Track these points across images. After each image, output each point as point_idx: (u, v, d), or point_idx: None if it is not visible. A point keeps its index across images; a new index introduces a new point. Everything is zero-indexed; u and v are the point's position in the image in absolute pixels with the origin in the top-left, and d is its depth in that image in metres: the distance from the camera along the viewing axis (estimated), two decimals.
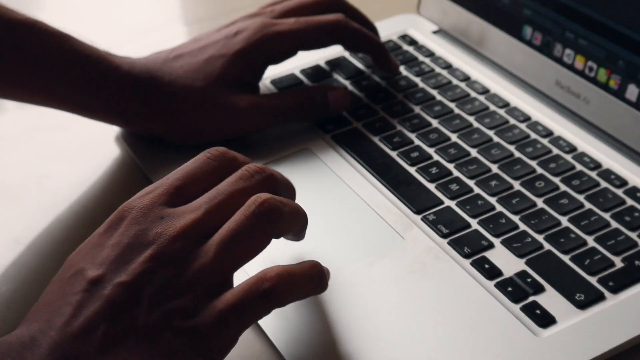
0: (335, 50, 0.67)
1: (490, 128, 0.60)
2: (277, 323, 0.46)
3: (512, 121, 0.60)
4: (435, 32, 0.71)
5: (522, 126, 0.60)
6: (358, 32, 0.61)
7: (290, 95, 0.60)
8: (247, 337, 0.46)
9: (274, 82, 0.65)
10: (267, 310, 0.41)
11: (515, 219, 0.52)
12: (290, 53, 0.60)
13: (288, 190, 0.46)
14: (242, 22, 0.60)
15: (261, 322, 0.46)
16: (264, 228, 0.41)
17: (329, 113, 0.60)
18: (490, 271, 0.48)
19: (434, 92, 0.64)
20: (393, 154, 0.58)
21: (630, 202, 0.53)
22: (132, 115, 0.58)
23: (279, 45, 0.59)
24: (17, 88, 0.57)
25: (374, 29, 0.65)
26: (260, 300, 0.40)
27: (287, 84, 0.65)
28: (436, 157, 0.57)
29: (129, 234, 0.40)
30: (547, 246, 0.50)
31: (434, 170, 0.56)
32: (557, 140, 0.58)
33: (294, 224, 0.44)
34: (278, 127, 0.60)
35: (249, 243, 0.41)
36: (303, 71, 0.66)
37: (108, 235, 0.41)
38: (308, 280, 0.43)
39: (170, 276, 0.39)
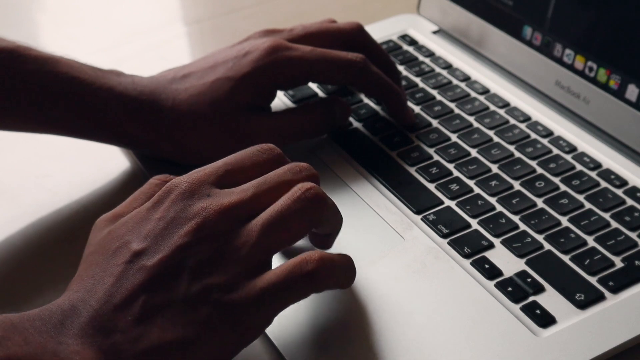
0: None
1: (490, 128, 0.60)
2: (277, 323, 0.46)
3: (512, 121, 0.60)
4: (435, 32, 0.71)
5: (522, 126, 0.60)
6: (375, 78, 0.57)
7: (302, 116, 0.57)
8: None
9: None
10: (306, 293, 0.42)
11: (515, 219, 0.52)
12: (300, 82, 0.57)
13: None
14: (255, 40, 0.57)
15: None
16: (307, 214, 0.42)
17: (335, 127, 0.59)
18: (490, 271, 0.48)
19: (434, 92, 0.64)
20: (393, 154, 0.58)
21: (630, 202, 0.53)
22: (134, 139, 0.56)
23: (288, 71, 0.55)
24: (6, 117, 0.55)
25: (395, 72, 0.61)
26: (302, 281, 0.41)
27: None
28: (436, 157, 0.57)
29: (175, 209, 0.41)
30: (547, 246, 0.50)
31: (434, 170, 0.56)
32: (557, 140, 0.58)
33: (334, 216, 0.45)
34: None
35: (293, 227, 0.42)
36: None
37: (155, 209, 0.42)
38: (344, 270, 0.44)
39: (212, 251, 0.40)
